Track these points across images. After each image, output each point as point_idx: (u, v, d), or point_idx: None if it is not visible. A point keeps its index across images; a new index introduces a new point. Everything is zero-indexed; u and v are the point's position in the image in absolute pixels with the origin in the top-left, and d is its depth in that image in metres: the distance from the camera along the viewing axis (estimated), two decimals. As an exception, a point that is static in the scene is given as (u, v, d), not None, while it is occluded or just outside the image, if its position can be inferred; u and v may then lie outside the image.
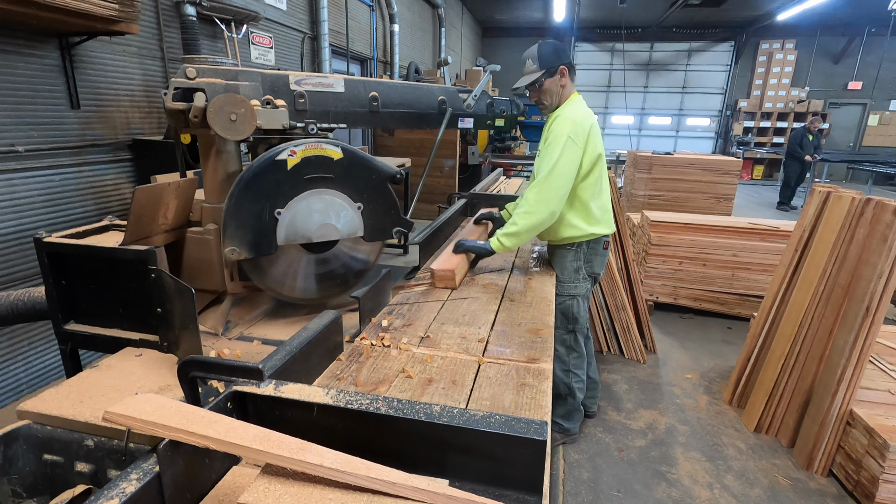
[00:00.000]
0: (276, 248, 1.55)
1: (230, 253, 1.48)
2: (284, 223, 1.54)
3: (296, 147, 1.50)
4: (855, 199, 2.35)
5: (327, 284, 1.74)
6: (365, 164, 1.61)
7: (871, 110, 13.07)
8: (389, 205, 1.69)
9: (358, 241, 1.70)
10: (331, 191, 1.59)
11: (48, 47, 2.66)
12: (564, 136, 1.95)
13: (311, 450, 0.75)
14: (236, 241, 1.48)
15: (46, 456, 1.14)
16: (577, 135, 1.97)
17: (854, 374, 2.25)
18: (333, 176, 1.57)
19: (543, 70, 2.04)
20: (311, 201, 1.56)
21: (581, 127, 1.99)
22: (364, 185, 1.63)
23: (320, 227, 1.59)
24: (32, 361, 2.75)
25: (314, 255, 1.66)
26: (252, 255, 1.52)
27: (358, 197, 1.63)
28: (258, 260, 1.56)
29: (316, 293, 1.73)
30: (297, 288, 1.68)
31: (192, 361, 0.94)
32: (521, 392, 1.19)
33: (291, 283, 1.66)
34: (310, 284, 1.70)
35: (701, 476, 2.36)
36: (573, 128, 1.97)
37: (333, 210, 1.60)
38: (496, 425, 0.81)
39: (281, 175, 1.50)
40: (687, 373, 3.32)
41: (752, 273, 4.03)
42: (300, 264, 1.65)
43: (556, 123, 2.02)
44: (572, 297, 2.24)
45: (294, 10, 5.05)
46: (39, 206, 2.69)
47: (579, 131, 1.98)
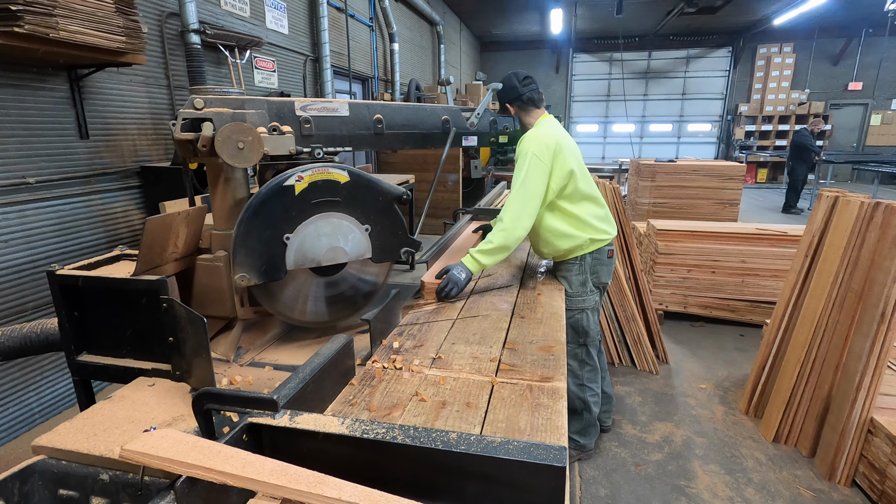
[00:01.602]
0: (286, 273, 1.55)
1: (240, 280, 1.49)
2: (293, 248, 1.54)
3: (303, 172, 1.51)
4: (864, 204, 2.33)
5: (337, 307, 1.74)
6: (371, 186, 1.62)
7: (873, 110, 13.05)
8: (397, 226, 1.70)
9: (366, 262, 1.70)
10: (338, 214, 1.59)
11: (58, 80, 2.72)
12: (529, 153, 2.01)
13: (328, 483, 0.74)
14: (246, 267, 1.49)
15: (62, 491, 1.14)
16: (540, 152, 2.01)
17: (873, 380, 2.22)
18: (340, 199, 1.58)
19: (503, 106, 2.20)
20: (318, 225, 1.57)
21: (544, 144, 2.03)
22: (371, 207, 1.64)
23: (329, 251, 1.60)
24: (44, 391, 2.76)
25: (323, 278, 1.66)
26: (262, 280, 1.52)
27: (365, 219, 1.64)
28: (268, 285, 1.56)
29: (326, 316, 1.73)
30: (308, 312, 1.68)
31: (206, 394, 0.94)
32: (536, 413, 1.18)
33: (302, 307, 1.67)
34: (320, 308, 1.70)
35: (721, 490, 2.31)
36: (536, 145, 2.02)
37: (341, 233, 1.60)
38: (514, 452, 0.80)
39: (289, 200, 1.51)
40: (701, 382, 3.27)
41: (762, 279, 3.99)
42: (310, 288, 1.66)
43: (521, 144, 2.09)
44: (581, 311, 2.23)
45: (296, 34, 5.14)
46: (51, 235, 2.72)
47: (542, 149, 2.02)
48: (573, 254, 2.19)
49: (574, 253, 2.19)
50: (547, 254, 2.27)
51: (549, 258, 2.33)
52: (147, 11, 3.27)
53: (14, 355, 1.65)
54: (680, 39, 13.96)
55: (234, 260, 1.48)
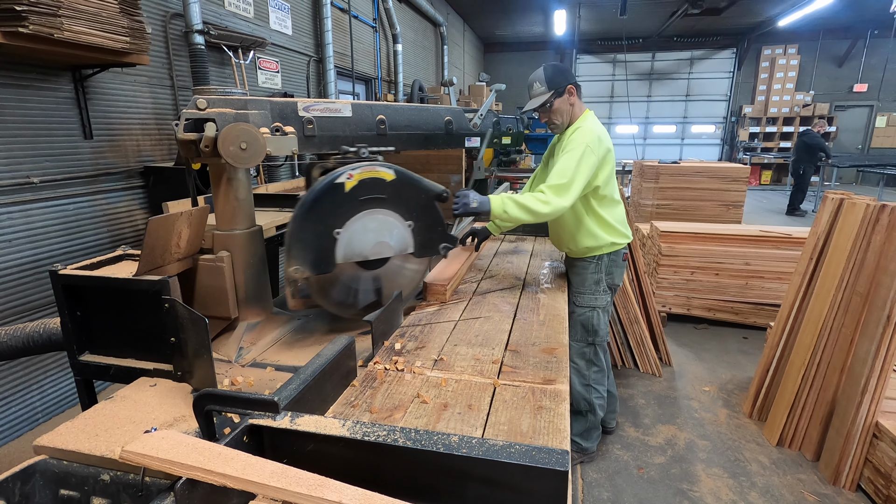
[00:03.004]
0: (335, 266, 1.62)
1: (294, 272, 1.56)
2: (343, 242, 1.62)
3: (353, 170, 1.59)
4: (870, 206, 2.31)
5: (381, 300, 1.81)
6: (414, 184, 1.70)
7: (879, 112, 12.98)
8: (436, 222, 1.78)
9: (408, 257, 1.77)
10: (384, 210, 1.67)
11: (62, 80, 2.73)
12: (584, 144, 1.98)
13: (329, 486, 0.74)
14: (299, 260, 1.56)
15: (63, 491, 1.13)
16: (595, 146, 1.99)
17: (878, 384, 2.20)
18: (386, 196, 1.66)
19: (552, 91, 2.07)
20: (366, 221, 1.65)
21: (601, 141, 2.03)
22: (414, 204, 1.72)
23: (375, 245, 1.68)
24: (47, 390, 2.77)
25: (368, 272, 1.73)
26: (313, 272, 1.59)
27: (408, 215, 1.72)
28: (320, 279, 1.63)
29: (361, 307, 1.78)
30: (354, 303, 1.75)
31: (207, 395, 0.94)
32: (538, 415, 1.17)
33: (348, 299, 1.73)
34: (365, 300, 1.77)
35: (724, 493, 2.29)
36: (591, 139, 2.00)
37: (387, 228, 1.69)
38: (516, 456, 0.79)
39: (339, 197, 1.58)
40: (704, 385, 3.26)
41: (766, 281, 3.97)
42: (357, 281, 1.73)
43: (578, 133, 2.04)
44: (592, 309, 2.24)
45: (299, 34, 5.15)
46: (55, 235, 2.73)
47: (597, 143, 2.01)
48: (592, 253, 2.21)
49: (593, 252, 2.20)
50: (570, 249, 2.26)
51: (566, 252, 2.33)
52: (151, 12, 3.28)
53: (17, 355, 1.65)
54: (684, 41, 13.92)
55: (288, 253, 1.55)
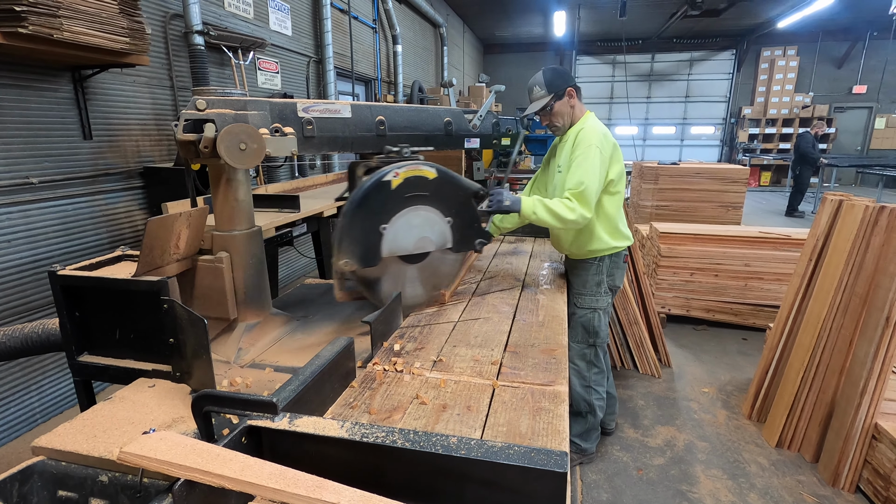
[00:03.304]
0: (380, 259, 1.70)
1: (344, 265, 1.64)
2: (388, 237, 1.70)
3: (399, 169, 1.67)
4: (869, 208, 2.31)
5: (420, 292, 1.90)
6: (454, 182, 1.80)
7: (878, 113, 12.99)
8: (473, 218, 1.88)
9: (446, 251, 1.86)
10: (426, 207, 1.76)
11: (61, 81, 2.73)
12: (593, 146, 1.99)
13: (327, 487, 0.74)
14: (348, 254, 1.64)
15: (61, 492, 1.13)
16: (603, 146, 2.01)
17: (877, 385, 2.20)
18: (428, 193, 1.74)
19: (552, 94, 2.09)
20: (409, 217, 1.73)
21: (607, 140, 2.05)
22: (453, 201, 1.81)
23: (419, 240, 1.77)
24: (46, 391, 2.77)
25: (409, 265, 1.81)
26: (361, 266, 1.67)
27: (448, 212, 1.81)
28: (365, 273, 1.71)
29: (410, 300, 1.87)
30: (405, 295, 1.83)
31: (205, 396, 0.94)
32: (537, 417, 1.17)
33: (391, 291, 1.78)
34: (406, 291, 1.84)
35: (723, 495, 2.29)
36: (600, 139, 2.01)
37: (429, 224, 1.78)
38: (515, 457, 0.79)
39: (386, 194, 1.66)
40: (703, 386, 3.26)
41: (766, 283, 3.97)
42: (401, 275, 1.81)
43: (583, 134, 2.05)
44: (593, 311, 2.23)
45: (299, 35, 5.15)
46: (54, 235, 2.73)
47: (606, 143, 2.03)
48: (594, 254, 2.20)
49: (595, 254, 2.20)
50: (572, 251, 2.25)
51: (568, 254, 2.32)
52: (151, 12, 3.28)
53: (15, 355, 1.65)
54: (683, 42, 13.94)
55: (338, 247, 1.63)
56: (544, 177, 2.39)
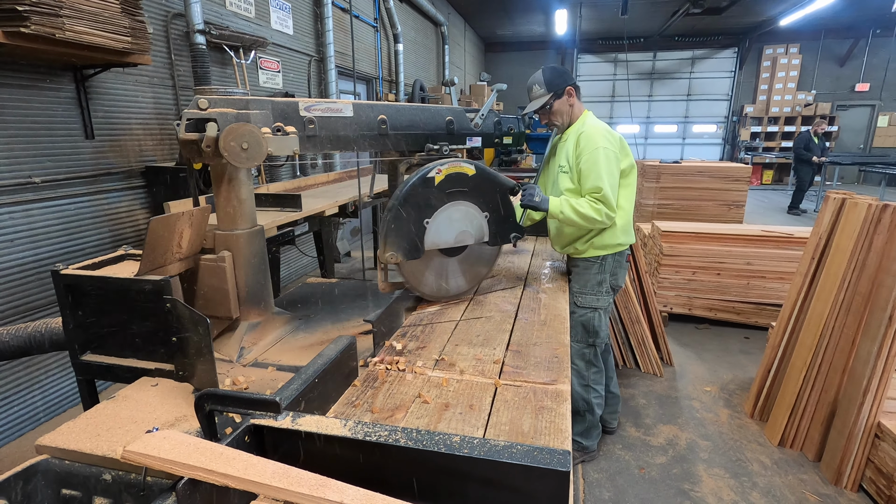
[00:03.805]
0: (423, 252, 1.77)
1: (390, 257, 1.72)
2: (431, 231, 1.77)
3: (441, 166, 1.74)
4: (872, 206, 2.31)
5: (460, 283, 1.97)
6: (491, 178, 1.86)
7: (880, 111, 12.95)
8: (508, 213, 1.93)
9: (483, 245, 1.93)
10: (465, 202, 1.83)
11: (64, 80, 2.73)
12: (599, 148, 2.00)
13: (330, 486, 0.74)
14: (394, 247, 1.72)
15: (65, 491, 1.14)
16: (609, 144, 2.03)
17: (880, 384, 2.19)
18: (468, 189, 1.81)
19: (551, 93, 2.11)
20: (450, 212, 1.80)
21: (612, 136, 2.07)
22: (490, 196, 1.87)
23: (459, 234, 1.85)
24: (49, 389, 2.77)
25: (450, 258, 1.90)
26: (406, 258, 1.74)
27: (485, 207, 1.88)
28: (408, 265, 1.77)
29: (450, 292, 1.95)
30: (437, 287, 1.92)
31: (208, 395, 0.94)
32: (539, 416, 1.17)
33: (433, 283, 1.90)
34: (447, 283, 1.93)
35: (726, 494, 2.29)
36: (604, 139, 2.03)
37: (468, 219, 1.85)
38: (518, 456, 0.79)
39: (430, 190, 1.74)
40: (706, 385, 3.25)
41: (768, 281, 3.96)
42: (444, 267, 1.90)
43: (585, 138, 2.06)
44: (594, 310, 2.23)
45: (300, 34, 5.15)
46: (56, 235, 2.73)
47: (611, 141, 2.04)
48: (596, 253, 2.20)
49: (597, 252, 2.20)
50: (576, 249, 2.24)
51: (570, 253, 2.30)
52: (152, 12, 3.28)
53: (19, 354, 1.65)
54: (685, 40, 13.90)
55: (385, 240, 1.71)
56: (545, 177, 2.39)
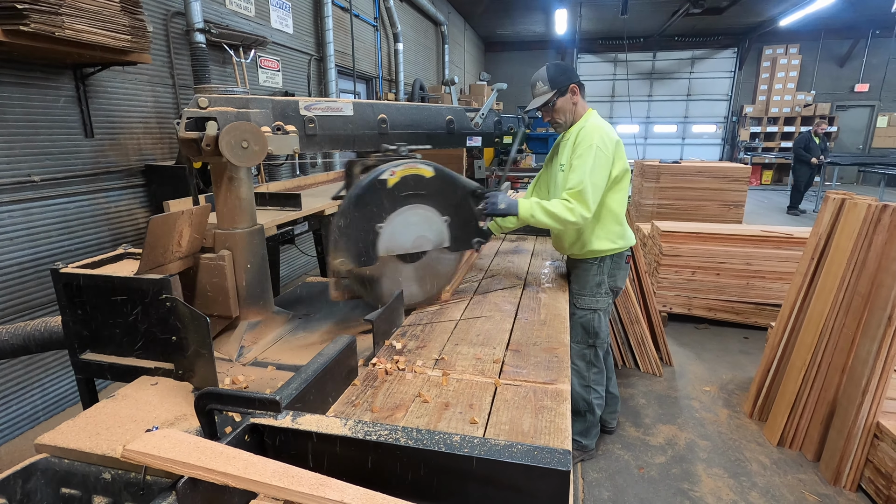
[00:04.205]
0: (377, 259, 1.69)
1: (339, 264, 1.63)
2: (385, 236, 1.69)
3: (396, 167, 1.66)
4: (871, 206, 2.31)
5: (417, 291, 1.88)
6: (451, 180, 1.78)
7: (880, 112, 12.95)
8: (470, 217, 1.87)
9: (443, 250, 1.85)
10: (423, 206, 1.75)
11: (63, 78, 2.73)
12: (593, 145, 1.97)
13: (330, 485, 0.74)
14: (345, 253, 1.63)
15: (64, 489, 1.13)
16: (604, 144, 1.99)
17: (879, 384, 2.19)
18: (426, 192, 1.73)
19: (555, 90, 2.07)
20: (407, 216, 1.72)
21: (609, 137, 2.03)
22: (450, 200, 1.80)
23: (416, 239, 1.76)
24: (48, 388, 2.77)
25: (406, 264, 1.81)
26: (357, 265, 1.66)
27: (445, 210, 1.80)
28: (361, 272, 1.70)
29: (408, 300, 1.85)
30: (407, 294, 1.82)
31: (208, 394, 0.94)
32: (539, 415, 1.17)
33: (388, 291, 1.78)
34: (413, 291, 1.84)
35: (725, 493, 2.29)
36: (600, 138, 2.00)
37: (426, 223, 1.77)
38: (518, 455, 0.79)
39: (382, 193, 1.65)
40: (705, 385, 3.25)
41: (767, 281, 3.97)
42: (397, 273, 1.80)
43: (584, 133, 2.03)
44: (593, 311, 2.22)
45: (300, 33, 5.14)
46: (55, 233, 2.73)
47: (606, 141, 2.00)
48: (595, 254, 2.18)
49: (596, 254, 2.18)
50: (573, 251, 2.23)
51: (569, 254, 2.30)
52: (152, 11, 3.28)
53: (18, 353, 1.65)
54: (685, 40, 13.89)
55: (334, 246, 1.62)
56: (547, 175, 2.38)
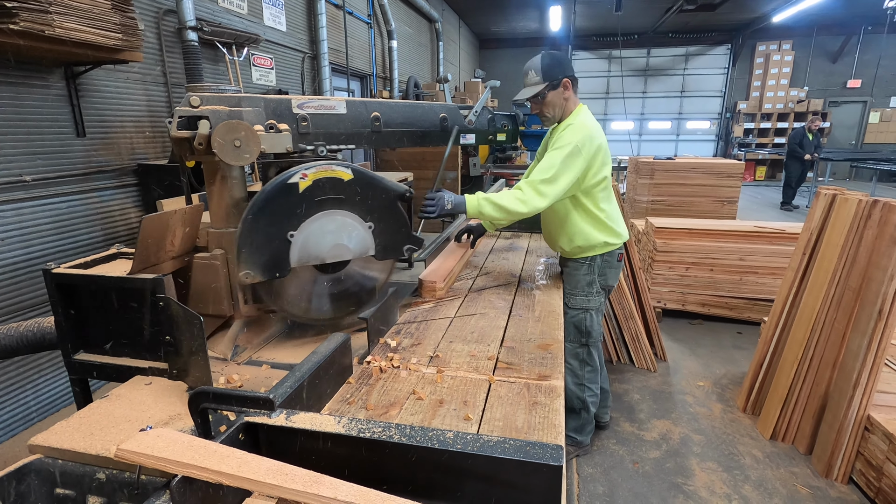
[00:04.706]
0: (290, 270, 1.56)
1: (244, 276, 1.49)
2: (297, 245, 1.55)
3: (307, 170, 1.52)
4: (862, 202, 2.33)
5: (341, 304, 1.75)
6: (374, 184, 1.63)
7: (872, 108, 13.05)
8: (400, 223, 1.70)
9: (370, 259, 1.71)
10: (342, 211, 1.60)
11: (54, 77, 2.70)
12: (573, 143, 1.92)
13: (324, 482, 0.74)
14: (250, 264, 1.49)
15: (58, 490, 1.13)
16: (584, 145, 1.93)
17: (870, 378, 2.22)
18: (344, 197, 1.59)
19: (546, 82, 1.99)
20: (322, 223, 1.58)
21: (592, 139, 1.96)
22: (374, 204, 1.64)
23: (333, 248, 1.61)
24: (42, 389, 2.76)
25: (327, 275, 1.67)
26: (266, 277, 1.52)
27: (369, 216, 1.65)
28: (272, 282, 1.57)
29: (330, 313, 1.73)
30: (312, 308, 1.69)
31: (202, 393, 0.94)
32: (533, 411, 1.18)
33: (306, 304, 1.67)
34: (324, 304, 1.71)
35: (718, 487, 2.32)
36: (584, 137, 1.94)
37: (345, 230, 1.61)
38: (511, 451, 0.80)
39: (293, 198, 1.51)
40: (699, 380, 3.28)
41: (760, 277, 4.00)
42: (313, 285, 1.66)
43: (568, 131, 1.98)
44: (585, 311, 2.23)
45: (293, 31, 5.12)
46: (47, 234, 2.71)
47: (588, 143, 1.94)
48: (585, 253, 2.17)
49: (586, 252, 2.17)
50: (562, 249, 2.23)
51: (559, 252, 2.30)
52: (143, 9, 3.25)
53: (11, 354, 1.64)
54: (679, 37, 13.94)
55: (238, 257, 1.47)
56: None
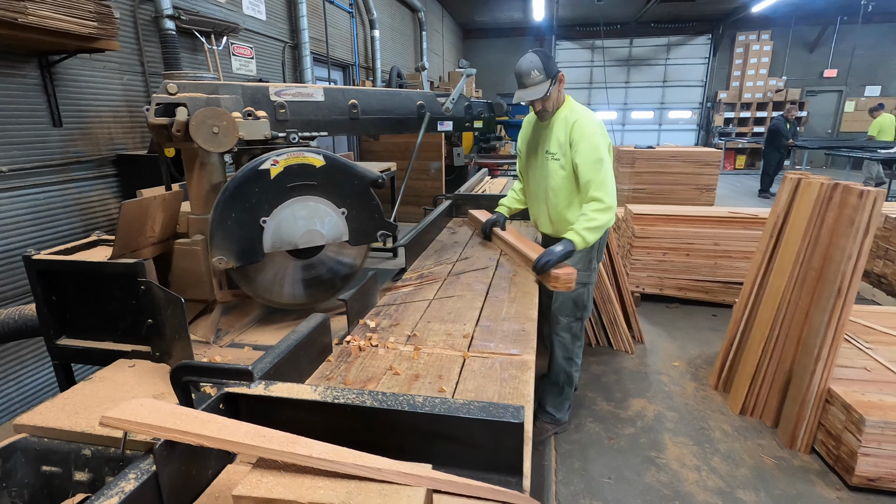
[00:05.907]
0: (263, 255, 1.59)
1: (218, 262, 1.53)
2: (270, 231, 1.58)
3: (278, 156, 1.55)
4: (823, 185, 2.43)
5: (315, 289, 1.78)
6: (347, 170, 1.66)
7: (847, 97, 13.34)
8: (373, 209, 1.74)
9: (343, 245, 1.74)
10: (314, 198, 1.63)
11: (28, 67, 2.67)
12: (596, 134, 2.09)
13: (300, 442, 0.79)
14: (223, 250, 1.52)
15: (45, 467, 1.17)
16: (602, 131, 2.13)
17: (830, 353, 2.33)
18: (316, 183, 1.62)
19: (550, 79, 2.06)
20: (295, 209, 1.61)
21: (600, 123, 2.16)
22: (347, 190, 1.68)
23: (305, 234, 1.64)
24: (24, 380, 2.75)
25: (301, 260, 1.71)
26: (239, 263, 1.56)
27: (342, 202, 1.68)
28: (246, 268, 1.60)
29: (304, 298, 1.77)
30: (286, 294, 1.72)
31: (184, 367, 0.98)
32: (504, 384, 1.24)
33: (279, 290, 1.71)
34: (297, 290, 1.74)
35: (689, 460, 2.42)
36: (599, 126, 2.12)
37: (318, 216, 1.65)
38: (475, 411, 0.86)
39: (265, 184, 1.54)
40: (674, 361, 3.39)
41: (734, 261, 4.12)
42: (287, 270, 1.70)
43: (581, 125, 2.11)
44: (584, 286, 2.32)
45: (274, 20, 5.07)
46: (26, 225, 2.69)
47: (602, 127, 2.14)
48: None
49: None
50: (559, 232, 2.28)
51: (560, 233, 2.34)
52: (119, -4, 3.21)
53: (-8, 342, 1.66)
54: (661, 26, 14.05)
55: (211, 243, 1.51)
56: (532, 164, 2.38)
